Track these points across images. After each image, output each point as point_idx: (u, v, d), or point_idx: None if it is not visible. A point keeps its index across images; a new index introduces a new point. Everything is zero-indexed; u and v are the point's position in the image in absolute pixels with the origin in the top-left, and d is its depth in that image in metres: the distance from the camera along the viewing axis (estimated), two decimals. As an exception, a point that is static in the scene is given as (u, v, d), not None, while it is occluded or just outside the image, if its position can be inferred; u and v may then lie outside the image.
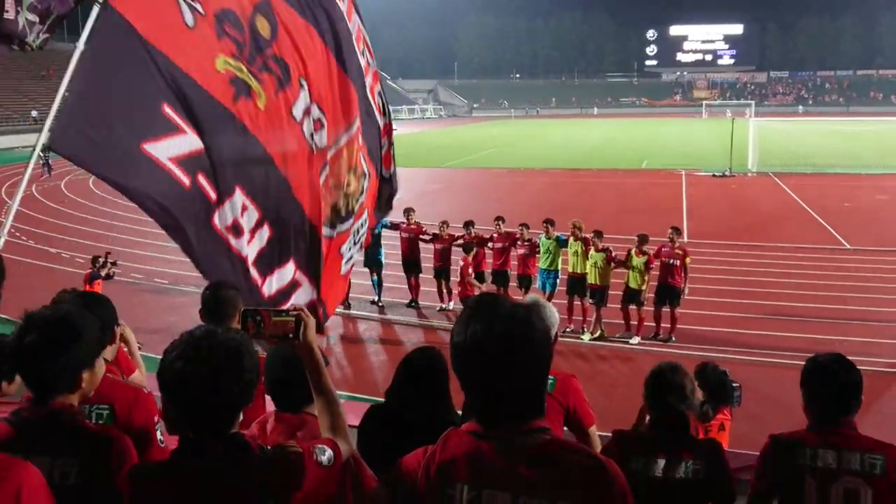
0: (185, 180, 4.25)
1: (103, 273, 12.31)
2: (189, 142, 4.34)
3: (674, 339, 12.28)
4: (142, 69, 4.16)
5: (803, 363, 3.58)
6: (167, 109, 4.25)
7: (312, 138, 5.30)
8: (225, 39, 4.67)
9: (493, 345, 1.98)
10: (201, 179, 4.36)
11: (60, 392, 2.62)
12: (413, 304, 14.63)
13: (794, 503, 3.32)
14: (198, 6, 4.53)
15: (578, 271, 12.92)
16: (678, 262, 12.30)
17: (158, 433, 3.28)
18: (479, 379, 2.03)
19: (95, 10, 4.18)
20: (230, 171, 4.57)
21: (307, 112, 5.26)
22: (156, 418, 3.32)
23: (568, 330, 12.65)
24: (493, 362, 1.98)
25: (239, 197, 4.62)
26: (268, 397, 3.29)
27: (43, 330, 2.56)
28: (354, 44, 5.90)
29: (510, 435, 2.04)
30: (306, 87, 5.26)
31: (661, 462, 3.62)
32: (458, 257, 14.05)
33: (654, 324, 12.50)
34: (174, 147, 4.25)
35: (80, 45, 4.21)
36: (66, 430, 2.61)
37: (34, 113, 61.56)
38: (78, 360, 2.62)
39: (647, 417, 3.88)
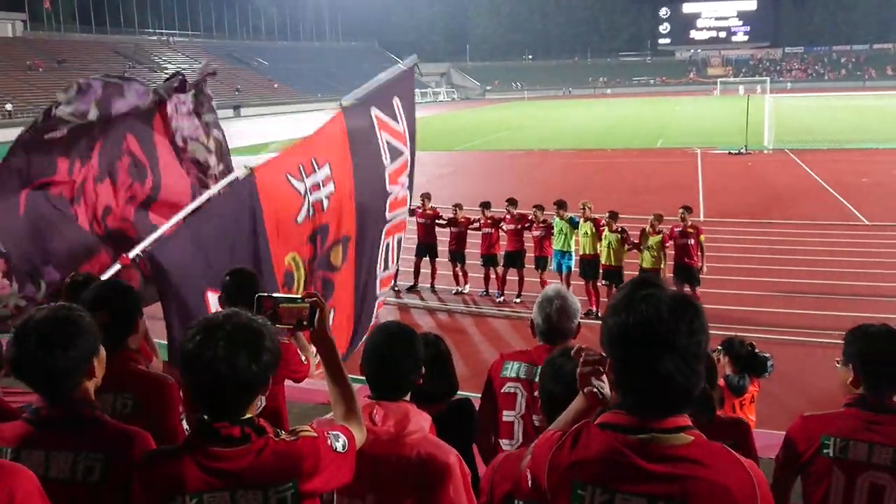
0: None
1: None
2: None
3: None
4: (240, 229, 4.98)
5: (823, 341, 3.52)
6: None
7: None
8: (308, 246, 5.63)
9: (661, 326, 1.92)
10: None
11: (75, 386, 2.60)
12: (415, 288, 14.65)
13: (818, 490, 3.20)
14: (312, 212, 5.54)
15: (589, 252, 12.85)
16: (693, 240, 12.18)
17: (184, 423, 3.27)
18: (638, 361, 1.95)
19: (243, 170, 5.12)
20: None
21: None
22: (180, 408, 3.32)
23: (591, 312, 12.51)
24: (657, 345, 1.92)
25: None
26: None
27: (42, 332, 2.53)
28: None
29: (654, 429, 1.96)
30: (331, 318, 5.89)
31: None
32: (473, 240, 14.03)
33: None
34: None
35: (214, 189, 5.37)
36: (87, 424, 2.59)
37: (9, 106, 61.14)
38: (84, 351, 2.61)
39: None
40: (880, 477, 3.04)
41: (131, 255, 4.59)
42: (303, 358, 4.56)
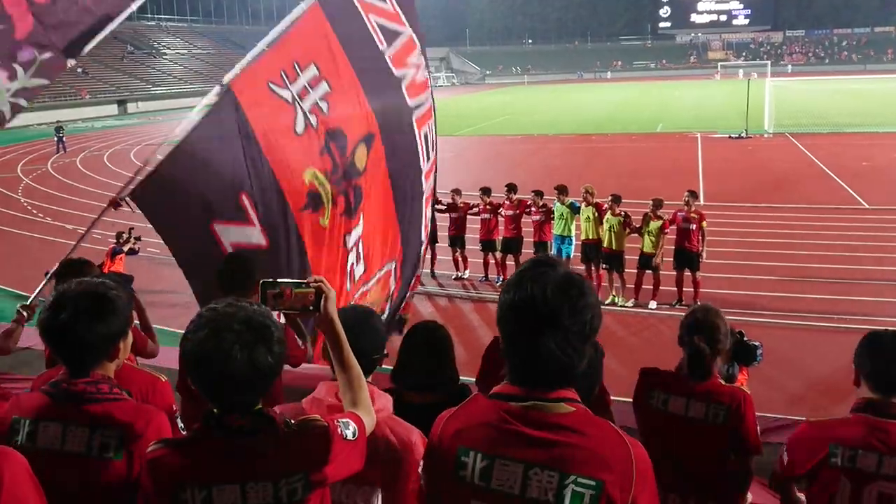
0: None
1: (126, 248, 12.29)
2: (254, 235, 4.64)
3: (698, 304, 12.08)
4: (234, 155, 4.51)
5: (822, 325, 3.47)
6: (244, 199, 4.57)
7: (352, 271, 5.40)
8: (325, 156, 5.07)
9: (544, 305, 1.96)
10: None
11: (99, 362, 2.64)
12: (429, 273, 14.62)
13: (823, 496, 3.14)
14: (312, 119, 4.96)
15: (592, 237, 12.85)
16: (695, 226, 12.17)
17: (178, 421, 3.27)
18: (521, 337, 2.01)
19: (216, 89, 4.58)
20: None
21: (356, 244, 5.48)
22: (173, 406, 3.32)
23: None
24: (539, 322, 1.96)
25: None
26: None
27: (79, 303, 2.57)
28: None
29: (537, 400, 2.02)
30: (361, 224, 5.51)
31: (682, 400, 3.64)
32: (472, 225, 14.03)
33: (671, 288, 12.42)
34: (239, 234, 4.57)
35: (194, 115, 4.53)
36: (106, 400, 2.61)
37: None
38: (115, 329, 2.65)
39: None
40: (890, 487, 2.98)
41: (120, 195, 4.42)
42: (300, 342, 4.57)
